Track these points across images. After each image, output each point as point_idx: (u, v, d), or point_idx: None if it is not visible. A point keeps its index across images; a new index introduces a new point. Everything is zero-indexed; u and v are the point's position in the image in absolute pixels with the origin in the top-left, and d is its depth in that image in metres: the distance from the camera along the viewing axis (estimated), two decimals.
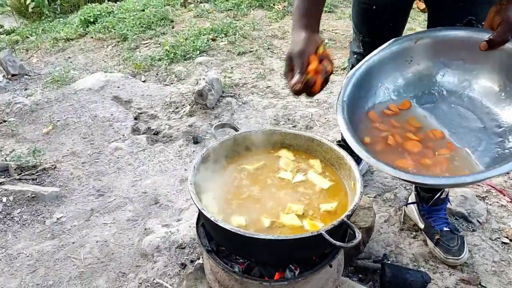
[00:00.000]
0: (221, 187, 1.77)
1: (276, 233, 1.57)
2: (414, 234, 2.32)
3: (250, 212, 1.65)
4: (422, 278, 1.96)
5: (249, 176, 1.82)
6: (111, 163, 3.19)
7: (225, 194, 1.74)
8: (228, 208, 1.68)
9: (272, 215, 1.64)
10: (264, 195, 1.74)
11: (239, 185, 1.78)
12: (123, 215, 2.66)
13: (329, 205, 1.70)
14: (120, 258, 2.33)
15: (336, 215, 1.67)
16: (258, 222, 1.61)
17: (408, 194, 2.51)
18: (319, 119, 3.47)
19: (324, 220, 1.64)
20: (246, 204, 1.70)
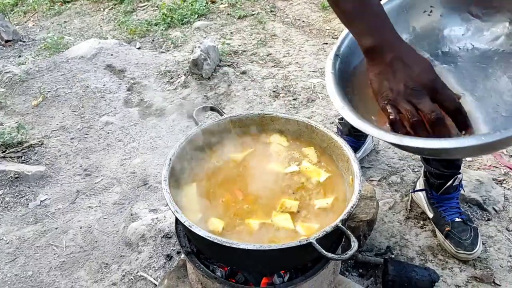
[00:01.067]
0: (204, 179, 1.57)
1: (267, 235, 1.38)
2: (422, 223, 2.11)
3: (237, 210, 1.46)
4: (429, 277, 1.77)
5: (236, 166, 1.61)
6: (100, 139, 3.00)
7: (208, 188, 1.54)
8: (211, 206, 1.48)
9: (263, 214, 1.44)
10: (253, 189, 1.53)
11: (225, 177, 1.58)
12: (110, 197, 2.49)
13: (324, 201, 1.50)
14: (104, 246, 2.18)
15: (332, 213, 1.47)
16: (246, 222, 1.42)
17: (416, 177, 2.29)
18: (322, 90, 3.21)
19: (320, 220, 1.44)
20: (232, 200, 1.50)
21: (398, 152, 2.53)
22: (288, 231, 1.39)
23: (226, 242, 1.24)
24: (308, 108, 3.03)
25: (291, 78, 3.37)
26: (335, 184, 1.56)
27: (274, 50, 3.83)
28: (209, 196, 1.51)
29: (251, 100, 3.16)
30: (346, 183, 1.54)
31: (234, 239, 1.36)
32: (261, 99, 3.18)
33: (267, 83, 3.32)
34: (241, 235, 1.38)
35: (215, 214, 1.44)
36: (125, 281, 1.99)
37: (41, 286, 2.01)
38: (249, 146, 1.67)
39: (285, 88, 3.26)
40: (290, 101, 3.13)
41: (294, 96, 3.17)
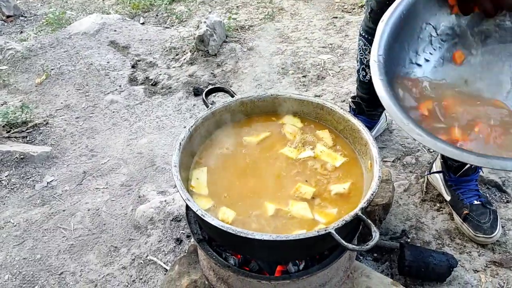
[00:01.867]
0: (215, 164, 1.51)
1: (281, 224, 1.32)
2: (438, 206, 2.05)
3: (251, 197, 1.40)
4: (447, 262, 1.72)
5: (249, 150, 1.55)
6: (106, 118, 2.94)
7: (220, 173, 1.48)
8: (223, 191, 1.43)
9: (278, 200, 1.38)
10: (266, 174, 1.47)
11: (237, 161, 1.51)
12: (117, 179, 2.44)
13: (341, 186, 1.43)
14: (112, 229, 2.14)
15: (349, 199, 1.41)
16: (261, 208, 1.36)
17: (432, 158, 2.22)
18: (332, 67, 3.11)
19: (337, 206, 1.38)
20: (246, 186, 1.44)
21: None
22: (305, 221, 1.33)
23: (240, 232, 1.18)
24: (318, 86, 2.94)
25: (300, 54, 3.27)
26: (351, 169, 1.49)
27: (282, 25, 3.72)
28: (221, 181, 1.45)
29: (259, 78, 3.07)
30: (364, 167, 1.47)
31: (247, 226, 1.31)
32: (269, 76, 3.09)
33: (276, 60, 3.22)
34: (255, 223, 1.33)
35: (227, 200, 1.38)
36: (134, 265, 1.95)
37: (50, 269, 1.98)
38: (262, 129, 1.60)
39: (294, 65, 3.16)
40: (299, 78, 3.04)
41: (304, 73, 3.08)
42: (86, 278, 1.93)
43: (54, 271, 1.98)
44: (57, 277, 1.95)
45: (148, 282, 1.88)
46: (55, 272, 1.97)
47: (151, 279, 1.89)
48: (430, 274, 1.73)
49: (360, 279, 1.59)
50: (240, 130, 1.60)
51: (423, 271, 1.72)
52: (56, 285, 1.92)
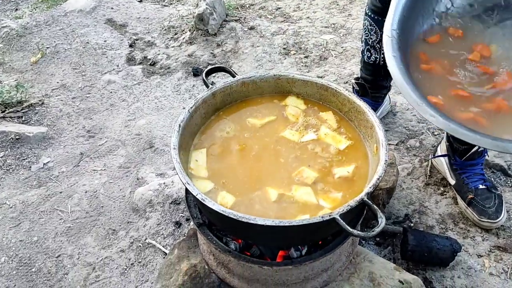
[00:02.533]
0: (216, 146, 1.46)
1: (284, 209, 1.28)
2: (442, 190, 2.01)
3: (252, 181, 1.36)
4: (451, 247, 1.69)
5: (250, 132, 1.50)
6: (103, 99, 2.88)
7: (220, 155, 1.44)
8: (223, 174, 1.38)
9: (280, 184, 1.34)
10: (269, 157, 1.42)
11: (238, 144, 1.47)
12: (115, 160, 2.40)
13: (345, 169, 1.39)
14: (110, 212, 2.11)
15: (353, 183, 1.37)
16: (263, 193, 1.32)
17: (436, 141, 2.17)
18: (335, 48, 3.04)
19: (341, 189, 1.34)
20: (247, 169, 1.39)
21: (417, 114, 2.40)
22: (309, 206, 1.29)
23: (242, 217, 1.14)
24: (320, 67, 2.87)
25: (302, 34, 3.19)
26: (356, 152, 1.45)
27: (283, 3, 3.62)
28: (221, 164, 1.41)
29: (260, 58, 3.00)
30: (369, 151, 1.43)
31: (249, 211, 1.27)
32: (270, 56, 3.02)
33: (277, 40, 3.14)
34: (257, 208, 1.29)
35: (227, 183, 1.34)
36: (133, 248, 1.92)
37: (47, 252, 1.95)
38: (265, 111, 1.55)
39: (296, 45, 3.09)
40: (301, 59, 2.97)
41: (306, 53, 3.01)
42: (84, 261, 1.90)
43: (51, 253, 1.95)
44: (54, 260, 1.92)
45: (147, 265, 1.86)
46: (52, 254, 1.94)
47: (150, 262, 1.86)
48: (433, 259, 1.71)
49: (363, 264, 1.56)
50: (241, 112, 1.55)
51: (426, 255, 1.70)
52: (54, 267, 1.89)
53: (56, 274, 1.87)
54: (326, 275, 1.47)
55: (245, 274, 1.43)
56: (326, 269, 1.45)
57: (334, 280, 1.50)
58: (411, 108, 2.44)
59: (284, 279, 1.40)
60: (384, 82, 2.20)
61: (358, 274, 1.53)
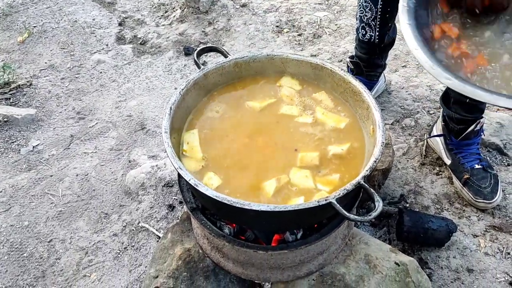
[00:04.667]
0: (208, 127, 1.43)
1: (283, 195, 1.25)
2: (438, 169, 2.00)
3: (251, 165, 1.32)
4: (446, 227, 1.68)
5: (244, 113, 1.46)
6: (93, 79, 2.81)
7: (212, 137, 1.40)
8: (216, 155, 1.35)
9: (276, 167, 1.31)
10: (263, 138, 1.39)
11: (231, 125, 1.43)
12: (106, 143, 2.35)
13: (339, 147, 1.36)
14: (102, 195, 2.07)
15: (350, 164, 1.34)
16: (259, 176, 1.29)
17: (432, 120, 2.15)
18: (328, 25, 2.98)
19: (339, 170, 1.31)
20: (243, 150, 1.36)
21: (412, 93, 2.37)
22: (308, 191, 1.27)
23: (236, 203, 1.11)
24: (314, 45, 2.82)
25: (295, 12, 3.12)
26: (352, 132, 1.42)
27: None
28: (214, 145, 1.37)
29: (252, 36, 2.94)
30: (365, 132, 1.40)
31: (243, 195, 1.24)
32: (263, 35, 2.95)
33: (270, 17, 3.08)
34: (252, 191, 1.27)
35: (219, 165, 1.31)
36: (126, 232, 1.90)
37: (39, 236, 1.93)
38: (260, 92, 1.51)
39: (289, 23, 3.02)
40: (294, 37, 2.91)
41: (299, 31, 2.95)
42: (76, 245, 1.88)
43: (42, 238, 1.92)
44: (46, 245, 1.90)
45: (140, 249, 1.84)
46: (43, 239, 1.92)
47: (143, 246, 1.85)
48: (429, 240, 1.70)
49: (359, 246, 1.55)
50: (235, 93, 1.51)
51: (422, 236, 1.69)
52: (45, 252, 1.87)
53: (48, 259, 1.84)
54: (322, 258, 1.46)
55: (240, 258, 1.41)
56: (322, 252, 1.43)
57: (330, 263, 1.49)
58: (406, 87, 2.41)
59: (279, 263, 1.39)
60: (379, 61, 2.16)
61: (354, 256, 1.51)
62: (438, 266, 1.68)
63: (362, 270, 1.48)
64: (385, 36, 2.02)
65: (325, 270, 1.48)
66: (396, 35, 2.11)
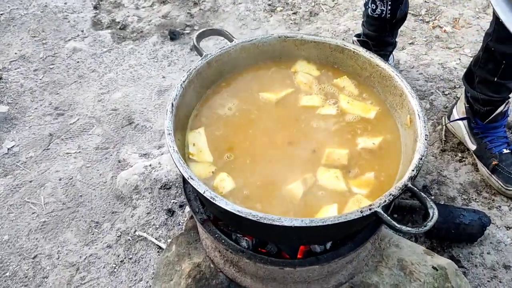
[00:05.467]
0: (216, 125, 1.22)
1: (311, 201, 1.07)
2: (460, 156, 1.84)
3: (269, 165, 1.13)
4: (479, 221, 1.53)
5: (256, 106, 1.26)
6: (69, 70, 2.55)
7: (223, 136, 1.20)
8: (234, 159, 1.15)
9: (303, 169, 1.12)
10: (281, 135, 1.19)
11: (242, 121, 1.23)
12: (90, 141, 2.12)
13: (370, 140, 1.18)
14: (91, 202, 1.85)
15: (381, 159, 1.16)
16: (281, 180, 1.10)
17: (448, 102, 1.98)
18: (325, 1, 2.76)
19: (372, 168, 1.13)
20: (257, 150, 1.16)
21: (423, 73, 2.19)
22: (339, 193, 1.08)
23: (264, 219, 0.92)
24: (311, 24, 2.60)
25: None
26: (383, 123, 1.23)
27: None
28: (224, 145, 1.17)
29: (243, 17, 2.71)
30: (399, 123, 1.21)
31: (263, 202, 1.05)
32: (254, 14, 2.72)
33: None
34: (274, 196, 1.07)
35: (232, 167, 1.11)
36: (121, 243, 1.69)
37: (21, 252, 1.71)
38: (273, 81, 1.31)
39: (282, 0, 2.80)
40: (289, 15, 2.69)
41: (294, 9, 2.72)
42: (65, 261, 1.67)
43: (26, 254, 1.70)
44: (30, 261, 1.68)
45: (139, 261, 1.64)
46: (27, 255, 1.70)
47: (142, 258, 1.64)
48: (460, 236, 1.54)
49: (390, 250, 1.38)
50: (243, 83, 1.30)
51: (453, 232, 1.53)
52: (30, 270, 1.65)
53: (34, 278, 1.63)
54: (351, 267, 1.29)
55: (259, 273, 1.22)
56: (351, 260, 1.26)
57: (360, 272, 1.32)
58: (416, 66, 2.23)
59: (305, 276, 1.20)
60: (389, 38, 1.97)
61: (386, 262, 1.34)
62: (472, 264, 1.53)
63: (397, 278, 1.31)
64: (397, 10, 1.83)
65: (355, 280, 1.31)
66: (408, 8, 1.91)
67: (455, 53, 2.31)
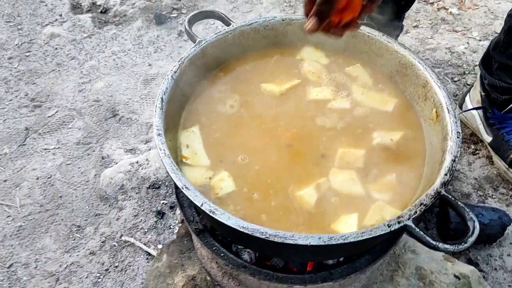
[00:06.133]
0: (214, 122, 1.06)
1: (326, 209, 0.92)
2: (473, 148, 1.71)
3: (276, 168, 0.98)
4: (499, 220, 1.41)
5: (258, 100, 1.10)
6: (47, 58, 2.35)
7: (221, 134, 1.04)
8: (228, 160, 1.00)
9: (314, 171, 0.97)
10: (289, 134, 1.04)
11: (243, 117, 1.07)
12: (71, 135, 1.94)
13: (387, 135, 1.04)
14: (72, 203, 1.69)
15: (400, 155, 1.02)
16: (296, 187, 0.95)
17: (458, 89, 1.84)
18: None
19: (392, 168, 0.99)
20: (264, 153, 1.01)
21: (430, 58, 2.04)
22: (355, 198, 0.94)
23: (275, 236, 0.77)
24: None
25: None
26: (402, 117, 1.09)
27: None
28: (223, 147, 1.02)
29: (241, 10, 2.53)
30: (422, 117, 1.07)
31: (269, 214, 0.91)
32: None
33: None
34: (281, 206, 0.93)
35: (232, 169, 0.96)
36: (106, 249, 1.53)
37: None
38: (273, 69, 1.15)
39: None
40: None
41: None
42: (44, 270, 1.50)
43: (0, 263, 1.54)
44: (5, 271, 1.51)
45: (126, 270, 1.48)
46: (2, 264, 1.53)
47: (129, 266, 1.49)
48: (479, 236, 1.38)
49: (406, 257, 1.24)
50: (242, 73, 1.14)
51: None
52: (6, 281, 1.49)
53: None
54: (365, 277, 1.15)
55: (263, 286, 1.08)
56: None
57: (375, 282, 1.19)
58: (422, 51, 2.09)
59: None
60: (397, 22, 1.82)
61: (402, 271, 1.21)
62: (492, 268, 1.40)
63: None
64: None
65: None
66: None
67: (463, 36, 2.16)
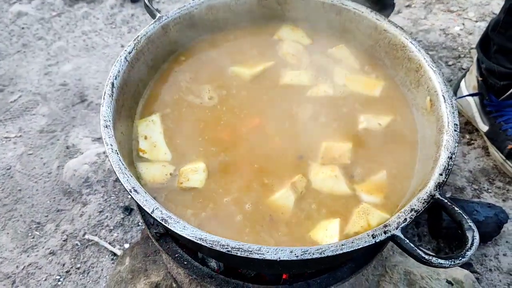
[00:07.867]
0: (175, 110, 0.92)
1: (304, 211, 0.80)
2: (468, 138, 1.59)
3: (245, 165, 0.85)
4: (495, 217, 1.30)
5: (225, 85, 0.96)
6: (12, 38, 2.19)
7: (183, 123, 0.90)
8: (192, 152, 0.86)
9: (291, 167, 0.84)
10: (263, 124, 0.90)
11: (209, 105, 0.93)
12: (34, 122, 1.79)
13: (375, 119, 0.91)
14: (32, 197, 1.54)
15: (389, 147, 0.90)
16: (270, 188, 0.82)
17: (452, 74, 1.71)
18: None
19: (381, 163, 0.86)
20: (232, 145, 0.88)
21: (423, 39, 1.91)
22: (341, 197, 0.82)
23: (238, 250, 0.64)
24: None
25: None
26: (392, 101, 0.95)
27: None
28: (186, 137, 0.88)
29: None
30: (414, 106, 0.93)
31: (236, 219, 0.78)
32: None
33: None
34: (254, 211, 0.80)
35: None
36: (67, 249, 1.40)
37: None
38: (246, 50, 1.00)
39: None
40: None
41: None
42: None
43: None
44: None
45: (88, 272, 1.35)
46: None
47: (92, 268, 1.36)
48: None
49: (394, 260, 1.13)
50: (210, 54, 1.00)
51: None
52: None
53: None
54: (348, 285, 1.03)
55: None
56: None
57: None
58: (415, 32, 1.95)
59: None
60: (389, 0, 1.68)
61: (390, 276, 1.09)
62: (486, 268, 1.29)
63: None
64: None
65: None
66: None
67: (458, 17, 2.03)
